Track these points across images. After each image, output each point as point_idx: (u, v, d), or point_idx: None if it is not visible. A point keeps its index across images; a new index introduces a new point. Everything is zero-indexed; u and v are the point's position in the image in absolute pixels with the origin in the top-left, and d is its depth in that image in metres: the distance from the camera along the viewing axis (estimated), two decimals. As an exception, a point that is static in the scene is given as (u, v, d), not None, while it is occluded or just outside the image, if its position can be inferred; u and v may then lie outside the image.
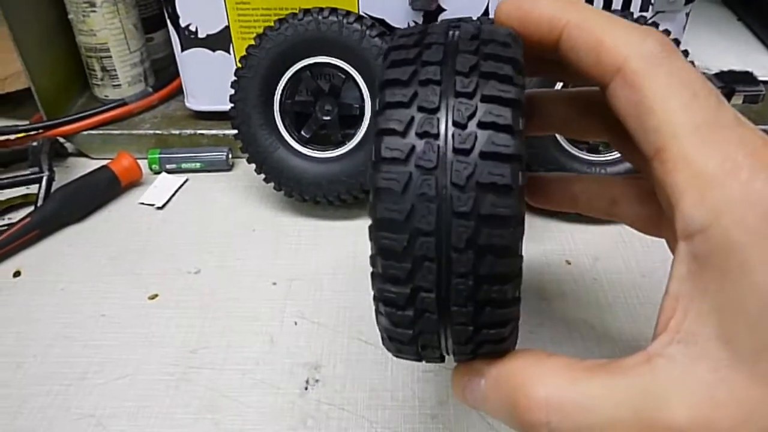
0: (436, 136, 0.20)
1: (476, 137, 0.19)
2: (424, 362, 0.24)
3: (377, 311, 0.22)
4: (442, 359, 0.23)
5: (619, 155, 0.46)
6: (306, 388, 0.36)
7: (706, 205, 0.17)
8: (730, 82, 0.57)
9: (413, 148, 0.20)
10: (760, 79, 0.58)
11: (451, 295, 0.20)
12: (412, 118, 0.20)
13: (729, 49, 0.65)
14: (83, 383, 0.36)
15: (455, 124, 0.20)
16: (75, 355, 0.38)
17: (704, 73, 0.57)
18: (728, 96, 0.57)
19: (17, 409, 0.35)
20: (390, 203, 0.20)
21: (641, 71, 0.19)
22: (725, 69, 0.59)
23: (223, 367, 0.37)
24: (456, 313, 0.20)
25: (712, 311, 0.17)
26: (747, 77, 0.58)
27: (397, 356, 0.24)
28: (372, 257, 0.21)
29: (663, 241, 0.26)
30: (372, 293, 0.22)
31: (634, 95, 0.19)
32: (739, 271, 0.17)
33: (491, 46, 0.21)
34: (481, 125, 0.19)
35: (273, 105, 0.46)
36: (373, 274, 0.22)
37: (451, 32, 0.22)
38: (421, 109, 0.20)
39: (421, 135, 0.20)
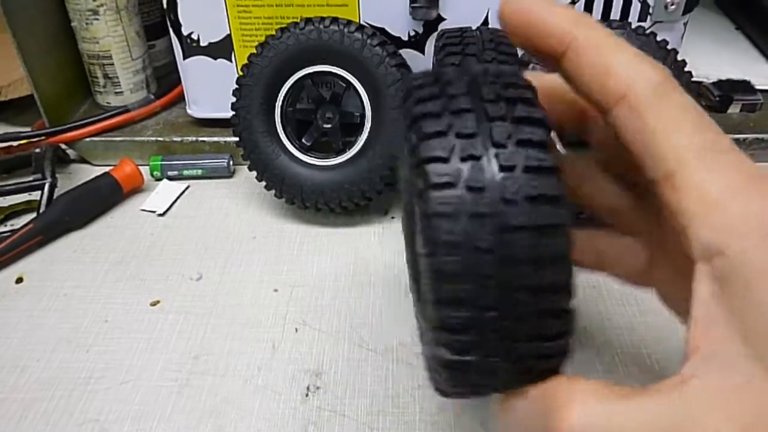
0: (480, 158, 0.20)
1: (517, 155, 0.20)
2: (473, 397, 0.24)
3: (435, 343, 0.22)
4: (495, 389, 0.23)
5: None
6: (307, 395, 0.36)
7: (719, 227, 0.18)
8: (728, 91, 0.58)
9: (460, 171, 0.20)
10: (758, 88, 0.58)
11: (513, 310, 0.20)
12: (454, 145, 0.21)
13: (727, 58, 0.65)
14: (87, 388, 0.37)
15: (495, 144, 0.20)
16: (78, 360, 0.38)
17: (702, 82, 0.58)
18: (726, 105, 0.57)
19: (21, 414, 0.35)
20: (446, 226, 0.20)
21: (646, 100, 0.20)
22: (723, 78, 0.59)
23: (225, 373, 0.37)
24: (519, 329, 0.20)
25: (739, 330, 0.18)
26: (745, 86, 0.59)
27: (451, 393, 0.24)
28: (427, 284, 0.21)
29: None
30: (414, 320, 0.22)
31: (639, 122, 0.20)
32: (761, 289, 0.17)
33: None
34: (520, 143, 0.20)
35: (274, 113, 0.47)
36: (425, 304, 0.22)
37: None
38: (459, 135, 0.21)
39: (465, 159, 0.20)
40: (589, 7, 0.48)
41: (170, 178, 0.54)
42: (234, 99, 0.46)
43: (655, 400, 0.19)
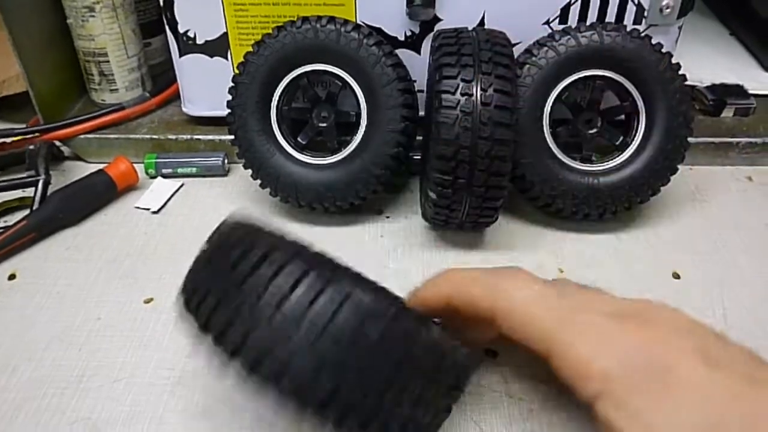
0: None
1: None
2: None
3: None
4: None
5: (610, 165, 0.46)
6: (301, 394, 0.36)
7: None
8: (721, 95, 0.58)
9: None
10: (751, 92, 0.59)
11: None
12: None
13: (721, 62, 0.66)
14: (79, 387, 0.36)
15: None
16: (70, 358, 0.38)
17: (696, 86, 0.58)
18: (719, 109, 0.58)
19: (13, 413, 0.35)
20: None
21: (510, 312, 0.29)
22: (717, 82, 0.60)
23: (218, 371, 0.37)
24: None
25: None
26: (738, 90, 0.59)
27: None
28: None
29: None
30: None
31: (514, 327, 0.29)
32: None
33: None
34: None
35: (270, 111, 0.47)
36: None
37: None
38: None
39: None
40: (584, 11, 0.48)
41: (165, 176, 0.53)
42: (230, 97, 0.46)
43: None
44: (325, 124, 0.47)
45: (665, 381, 0.24)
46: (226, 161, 0.53)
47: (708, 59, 0.66)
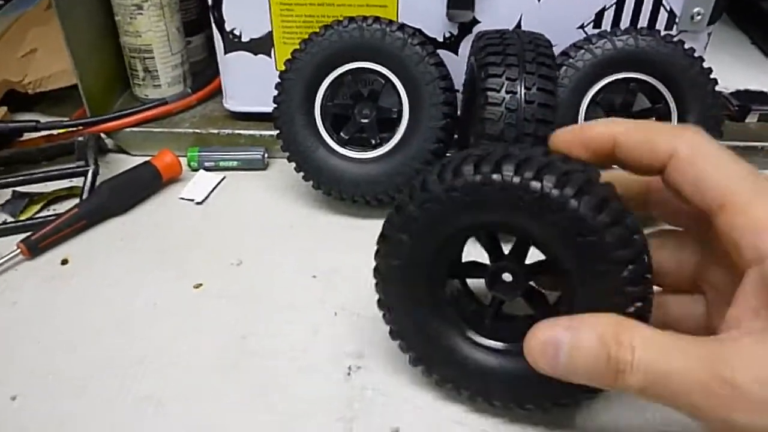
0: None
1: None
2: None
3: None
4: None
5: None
6: (349, 374, 0.37)
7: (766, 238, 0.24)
8: (746, 101, 0.60)
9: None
10: (775, 99, 0.60)
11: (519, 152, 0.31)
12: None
13: (743, 70, 0.67)
14: (140, 367, 0.38)
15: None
16: (128, 341, 0.40)
17: (721, 92, 0.60)
18: (744, 114, 0.59)
19: (78, 391, 0.37)
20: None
21: (695, 158, 0.27)
22: (741, 89, 0.61)
23: (269, 353, 0.39)
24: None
25: None
26: (762, 97, 0.61)
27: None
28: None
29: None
30: None
31: (695, 171, 0.27)
32: None
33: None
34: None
35: (314, 107, 0.49)
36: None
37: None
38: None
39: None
40: (618, 15, 0.50)
41: (207, 169, 0.55)
42: (276, 93, 0.48)
43: (700, 345, 0.25)
44: (366, 120, 0.49)
45: None
46: (266, 155, 0.55)
47: (731, 67, 0.68)
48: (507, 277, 0.33)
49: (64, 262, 0.46)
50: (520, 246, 0.33)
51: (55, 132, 0.56)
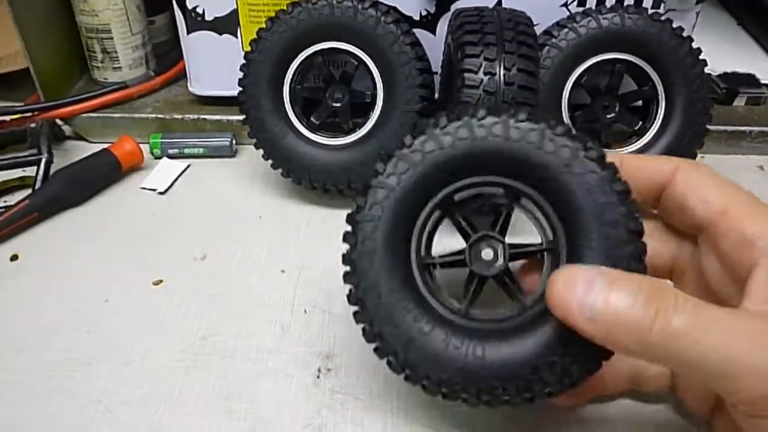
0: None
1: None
2: None
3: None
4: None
5: (628, 150, 0.46)
6: (318, 377, 0.35)
7: None
8: (733, 84, 0.57)
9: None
10: (763, 82, 0.58)
11: None
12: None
13: (730, 52, 0.65)
14: (89, 369, 0.35)
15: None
16: (79, 341, 0.37)
17: (709, 74, 0.58)
18: (732, 97, 0.57)
19: (22, 395, 0.34)
20: (467, 111, 0.29)
21: (690, 173, 0.30)
22: (728, 71, 0.59)
23: (234, 354, 0.36)
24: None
25: None
26: (750, 80, 0.59)
27: None
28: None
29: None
30: None
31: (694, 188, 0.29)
32: None
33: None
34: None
35: (283, 90, 0.46)
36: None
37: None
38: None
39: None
40: (603, -8, 0.48)
41: (171, 157, 0.52)
42: (241, 75, 0.45)
43: (747, 317, 0.24)
44: (339, 104, 0.46)
45: None
46: (233, 142, 0.52)
47: (717, 49, 0.66)
48: (487, 253, 0.31)
49: (14, 257, 0.43)
50: (497, 222, 0.31)
51: (7, 118, 0.53)
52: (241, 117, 0.46)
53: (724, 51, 0.66)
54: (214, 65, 0.52)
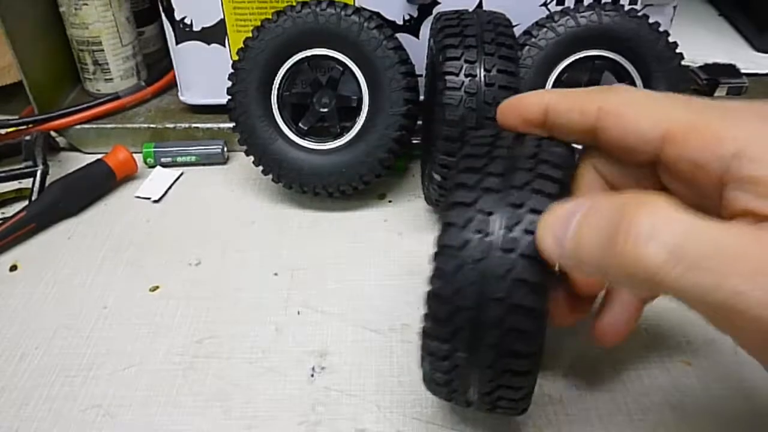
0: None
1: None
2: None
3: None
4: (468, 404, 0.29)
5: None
6: (312, 375, 0.36)
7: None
8: (714, 75, 0.59)
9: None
10: (743, 71, 0.59)
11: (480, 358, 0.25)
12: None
13: (712, 42, 0.66)
14: (89, 374, 0.36)
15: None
16: (78, 346, 0.38)
17: (689, 66, 0.59)
18: (712, 88, 0.58)
19: (23, 400, 0.35)
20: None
21: (618, 105, 0.26)
22: (710, 62, 0.61)
23: (229, 356, 0.37)
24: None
25: None
26: (730, 70, 0.60)
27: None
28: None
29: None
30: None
31: (621, 119, 0.26)
32: None
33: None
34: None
35: (271, 97, 0.47)
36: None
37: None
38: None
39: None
40: (581, -9, 0.49)
41: (164, 165, 0.53)
42: (230, 83, 0.46)
43: (736, 231, 0.20)
44: (326, 110, 0.47)
45: None
46: (225, 149, 0.53)
47: (698, 40, 0.67)
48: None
49: (13, 268, 0.44)
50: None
51: (2, 132, 0.54)
52: (231, 124, 0.47)
53: (705, 42, 0.67)
54: (203, 74, 0.53)
